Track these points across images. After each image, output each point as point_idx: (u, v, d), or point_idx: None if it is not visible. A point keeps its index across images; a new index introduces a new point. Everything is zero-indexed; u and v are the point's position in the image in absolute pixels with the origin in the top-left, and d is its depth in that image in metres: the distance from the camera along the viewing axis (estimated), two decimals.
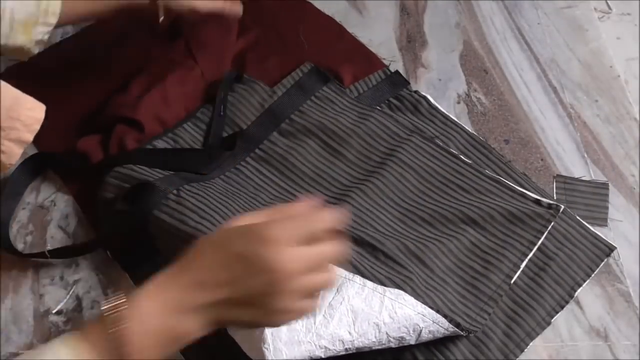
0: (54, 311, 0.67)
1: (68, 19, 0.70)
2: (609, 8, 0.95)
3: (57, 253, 0.69)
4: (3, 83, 0.53)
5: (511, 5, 0.95)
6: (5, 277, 0.70)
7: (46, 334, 0.65)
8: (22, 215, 0.74)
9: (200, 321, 0.43)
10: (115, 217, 0.69)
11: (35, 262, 0.70)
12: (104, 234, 0.70)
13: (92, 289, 0.68)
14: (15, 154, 0.55)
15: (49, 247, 0.71)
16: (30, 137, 0.55)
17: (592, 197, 0.75)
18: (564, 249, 0.69)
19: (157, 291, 0.43)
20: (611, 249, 0.70)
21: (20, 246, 0.71)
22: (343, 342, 0.56)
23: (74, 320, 0.66)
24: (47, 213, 0.74)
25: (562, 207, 0.70)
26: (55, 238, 0.72)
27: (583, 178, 0.77)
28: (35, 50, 0.69)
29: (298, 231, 0.43)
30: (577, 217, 0.72)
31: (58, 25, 0.69)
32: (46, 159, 0.77)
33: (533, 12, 0.94)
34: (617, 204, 0.75)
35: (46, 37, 0.69)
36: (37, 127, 0.55)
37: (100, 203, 0.71)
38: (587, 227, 0.71)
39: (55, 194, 0.75)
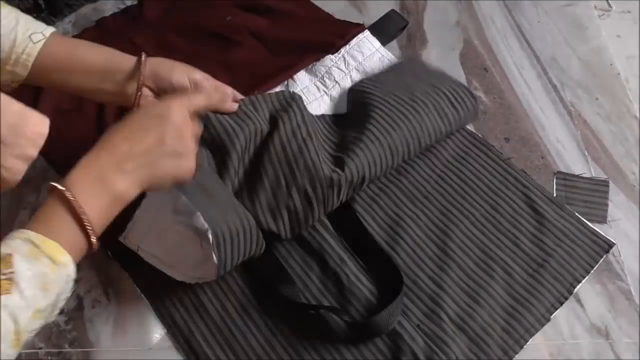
0: None
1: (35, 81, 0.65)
2: (609, 6, 0.95)
3: None
4: (5, 97, 0.52)
5: (511, 4, 0.95)
6: None
7: (47, 333, 0.65)
8: (22, 215, 0.74)
9: (129, 180, 0.53)
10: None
11: None
12: (105, 234, 0.70)
13: (92, 289, 0.68)
14: (20, 171, 0.54)
15: None
16: (34, 152, 0.54)
17: (592, 194, 0.75)
18: (563, 245, 0.69)
19: (85, 170, 0.51)
20: (610, 245, 0.70)
21: None
22: None
23: (75, 320, 0.66)
24: None
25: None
26: None
27: (583, 175, 0.76)
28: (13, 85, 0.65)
29: (191, 102, 0.59)
30: (576, 214, 0.72)
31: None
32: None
33: (533, 10, 0.94)
34: (617, 201, 0.75)
35: (15, 85, 0.64)
36: (42, 142, 0.54)
37: None
38: (586, 223, 0.71)
39: None
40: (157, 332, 0.65)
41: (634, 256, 0.71)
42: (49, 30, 0.63)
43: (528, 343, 0.64)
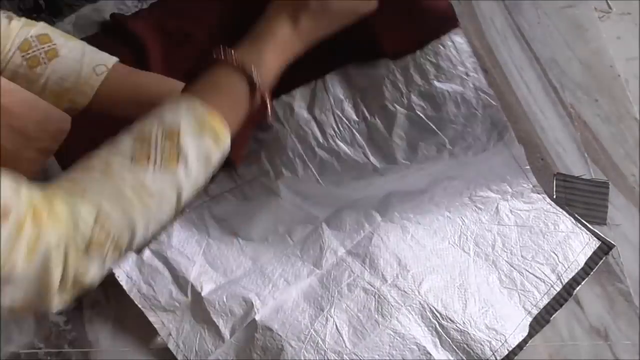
0: (54, 311, 0.67)
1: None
2: (609, 7, 0.95)
3: None
4: (33, 96, 0.55)
5: (511, 5, 0.95)
6: None
7: (47, 333, 0.65)
8: None
9: (302, 42, 0.53)
10: None
11: None
12: None
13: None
14: (40, 163, 0.57)
15: None
16: (55, 146, 0.57)
17: (591, 196, 0.75)
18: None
19: (272, 41, 0.52)
20: (609, 246, 0.70)
21: None
22: None
23: (75, 320, 0.66)
24: None
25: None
26: None
27: (583, 177, 0.77)
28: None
29: None
30: (576, 215, 0.72)
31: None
32: None
33: (533, 11, 0.94)
34: (617, 203, 0.75)
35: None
36: (63, 137, 0.57)
37: None
38: (586, 225, 0.71)
39: None
40: (156, 333, 0.65)
41: (633, 258, 0.71)
42: (112, 61, 0.64)
43: (527, 344, 0.64)
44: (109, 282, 0.69)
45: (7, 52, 0.60)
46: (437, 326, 0.63)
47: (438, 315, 0.63)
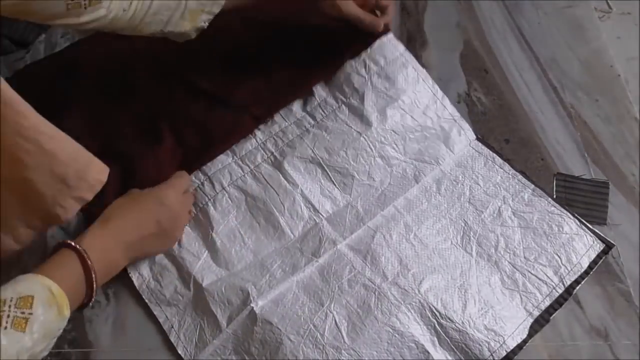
0: None
1: (227, 6, 0.70)
2: (610, 7, 0.95)
3: None
4: (77, 145, 0.58)
5: (511, 5, 0.95)
6: (6, 277, 0.70)
7: None
8: None
9: (125, 254, 0.62)
10: None
11: (36, 262, 0.70)
12: None
13: None
14: (73, 210, 0.59)
15: (49, 248, 0.71)
16: (91, 196, 0.60)
17: (592, 196, 0.75)
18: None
19: (93, 239, 0.60)
20: (609, 246, 0.70)
21: (21, 246, 0.71)
22: None
23: (75, 320, 0.66)
24: None
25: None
26: (55, 238, 0.72)
27: (583, 177, 0.77)
28: (194, 35, 0.71)
29: (180, 187, 0.68)
30: (577, 215, 0.72)
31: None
32: None
33: (533, 11, 0.94)
34: (617, 203, 0.75)
35: (206, 24, 0.70)
36: (99, 188, 0.60)
37: None
38: (586, 224, 0.71)
39: None
40: (156, 332, 0.65)
41: (633, 258, 0.71)
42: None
43: (527, 344, 0.64)
44: (109, 282, 0.69)
45: None
46: (436, 325, 0.63)
47: (437, 315, 0.63)
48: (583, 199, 0.74)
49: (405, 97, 0.78)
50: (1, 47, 0.85)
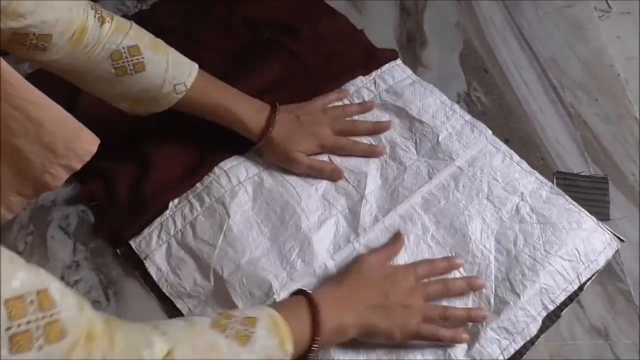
0: None
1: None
2: (609, 7, 0.95)
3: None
4: (67, 115, 0.58)
5: (511, 5, 0.95)
6: None
7: None
8: (22, 215, 0.74)
9: (356, 320, 0.58)
10: None
11: (36, 262, 0.70)
12: (117, 233, 0.71)
13: (92, 289, 0.68)
14: (61, 179, 0.60)
15: (49, 247, 0.71)
16: (79, 166, 0.61)
17: (592, 192, 0.75)
18: None
19: (331, 295, 0.59)
20: (620, 241, 0.70)
21: (20, 246, 0.71)
22: None
23: None
24: (48, 213, 0.74)
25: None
26: (55, 238, 0.72)
27: (582, 173, 0.77)
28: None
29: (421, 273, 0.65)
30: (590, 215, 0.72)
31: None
32: None
33: (533, 11, 0.94)
34: (617, 202, 0.75)
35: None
36: (88, 158, 0.60)
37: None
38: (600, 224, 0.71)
39: (55, 193, 0.75)
40: None
41: (633, 257, 0.71)
42: (193, 75, 0.69)
43: None
44: (109, 282, 0.69)
45: (96, 55, 0.63)
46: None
47: None
48: (584, 196, 0.74)
49: (413, 106, 0.80)
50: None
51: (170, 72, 0.67)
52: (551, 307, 0.65)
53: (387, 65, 0.86)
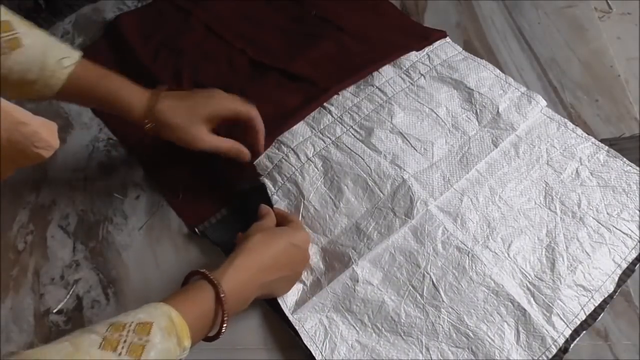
0: (54, 311, 0.67)
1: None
2: (610, 8, 0.95)
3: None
4: (26, 113, 0.56)
5: (511, 5, 0.95)
6: (6, 276, 0.70)
7: (46, 333, 0.65)
8: (22, 215, 0.74)
9: (258, 291, 0.60)
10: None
11: (36, 261, 0.70)
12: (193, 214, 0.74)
13: (92, 289, 0.69)
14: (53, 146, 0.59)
15: (49, 247, 0.71)
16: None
17: None
18: None
19: (235, 273, 0.57)
20: None
21: (20, 246, 0.71)
22: None
23: (74, 320, 0.66)
24: (47, 213, 0.74)
25: None
26: (55, 238, 0.72)
27: (624, 136, 0.78)
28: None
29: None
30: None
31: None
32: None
33: (533, 11, 0.94)
34: None
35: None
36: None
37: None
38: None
39: (55, 193, 0.75)
40: None
41: None
42: (77, 55, 0.64)
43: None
44: (109, 282, 0.69)
45: None
46: (529, 285, 0.65)
47: (528, 275, 0.65)
48: (635, 157, 0.75)
49: (470, 79, 0.82)
50: None
51: (51, 47, 0.62)
52: (624, 265, 0.66)
53: (437, 42, 0.88)
